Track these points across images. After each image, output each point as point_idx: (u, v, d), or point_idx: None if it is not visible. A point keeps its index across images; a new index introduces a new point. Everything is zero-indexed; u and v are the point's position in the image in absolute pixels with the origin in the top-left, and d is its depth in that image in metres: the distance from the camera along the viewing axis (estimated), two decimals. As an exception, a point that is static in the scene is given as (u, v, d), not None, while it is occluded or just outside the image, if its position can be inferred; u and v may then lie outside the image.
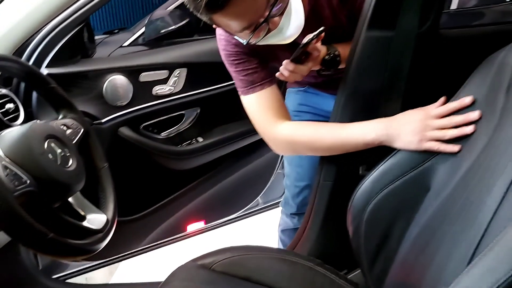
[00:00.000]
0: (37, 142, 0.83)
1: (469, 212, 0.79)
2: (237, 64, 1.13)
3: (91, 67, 1.56)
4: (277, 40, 0.97)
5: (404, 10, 0.99)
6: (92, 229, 0.90)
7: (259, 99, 1.13)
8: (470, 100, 0.88)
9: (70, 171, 0.88)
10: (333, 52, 1.09)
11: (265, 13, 0.88)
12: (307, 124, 1.17)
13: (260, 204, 2.06)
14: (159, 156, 1.75)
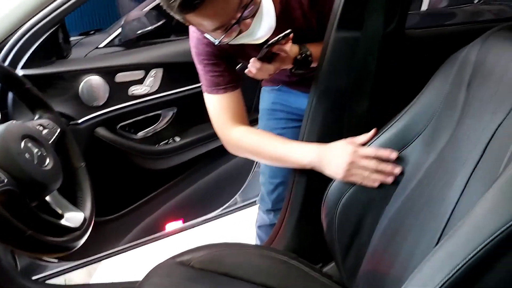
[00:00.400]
0: (14, 142, 0.84)
1: (433, 203, 0.84)
2: (206, 64, 1.16)
3: (66, 68, 1.56)
4: (248, 41, 1.00)
5: (369, 11, 1.04)
6: (70, 227, 0.91)
7: (220, 102, 1.18)
8: (395, 156, 0.97)
9: (47, 170, 0.89)
10: (305, 52, 1.12)
11: (237, 15, 0.91)
12: (256, 133, 1.21)
13: (238, 203, 2.08)
14: (136, 156, 1.76)
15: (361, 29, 1.05)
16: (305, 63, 1.13)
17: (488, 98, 0.77)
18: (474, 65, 0.84)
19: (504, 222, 0.57)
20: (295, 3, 1.11)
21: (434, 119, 0.93)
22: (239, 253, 1.19)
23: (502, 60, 0.77)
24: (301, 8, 1.12)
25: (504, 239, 0.56)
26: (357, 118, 1.15)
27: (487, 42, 0.85)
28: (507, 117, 0.71)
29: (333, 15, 1.07)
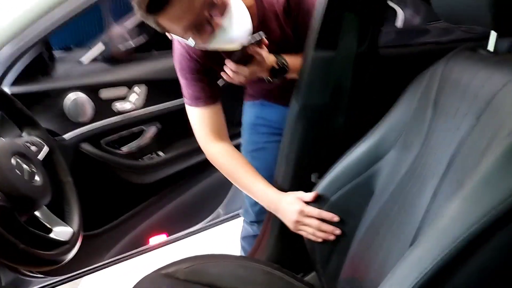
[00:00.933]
0: (5, 159, 0.87)
1: (405, 212, 0.90)
2: (188, 78, 1.22)
3: (51, 85, 1.58)
4: (224, 42, 1.04)
5: (343, 31, 1.10)
6: (59, 241, 0.94)
7: (200, 115, 1.25)
8: (337, 219, 1.09)
9: (37, 186, 0.92)
10: (281, 61, 1.17)
11: (205, 13, 0.96)
12: (231, 156, 1.27)
13: (221, 215, 2.10)
14: (121, 170, 1.78)
15: (336, 49, 1.12)
16: (282, 71, 1.18)
17: (452, 114, 0.84)
18: (439, 83, 0.91)
19: (466, 228, 0.62)
20: (272, 14, 1.17)
21: (405, 134, 0.99)
22: (223, 264, 1.22)
23: (464, 79, 0.83)
24: (277, 20, 1.18)
25: (466, 244, 0.62)
26: (334, 132, 1.20)
27: (450, 61, 0.91)
28: (470, 132, 0.77)
29: (311, 35, 1.13)
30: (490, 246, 0.62)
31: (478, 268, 0.63)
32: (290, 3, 1.16)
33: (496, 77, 0.74)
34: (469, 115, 0.78)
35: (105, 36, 1.97)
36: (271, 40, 1.18)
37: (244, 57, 1.08)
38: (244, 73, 1.10)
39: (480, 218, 0.62)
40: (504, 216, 0.61)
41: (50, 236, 0.93)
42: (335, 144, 1.18)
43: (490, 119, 0.71)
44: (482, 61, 0.82)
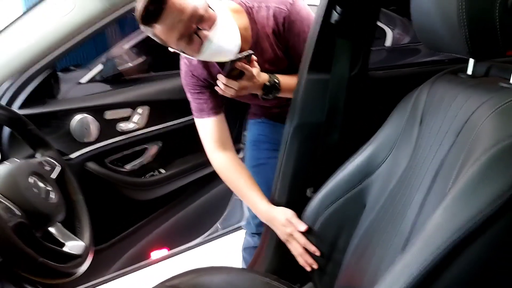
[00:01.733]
0: (23, 178, 0.94)
1: (395, 222, 0.96)
2: (192, 92, 1.33)
3: (59, 107, 1.64)
4: (213, 54, 1.14)
5: (336, 57, 1.19)
6: (73, 254, 1.00)
7: (205, 125, 1.35)
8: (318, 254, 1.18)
9: (52, 203, 0.98)
10: (273, 79, 1.26)
11: (193, 25, 1.08)
12: (233, 169, 1.35)
13: (220, 229, 2.16)
14: (124, 187, 1.83)
15: (330, 72, 1.20)
16: (273, 89, 1.26)
17: (435, 132, 0.91)
18: (425, 104, 0.98)
19: (448, 237, 0.68)
20: (264, 36, 1.26)
21: (394, 150, 1.06)
22: (224, 275, 1.27)
23: (445, 100, 0.91)
24: (268, 41, 1.27)
25: (448, 250, 0.68)
26: (328, 149, 1.27)
27: (434, 84, 0.99)
28: (451, 148, 0.84)
29: (305, 59, 1.21)
30: (470, 252, 0.69)
31: (461, 272, 0.69)
32: (279, 27, 1.25)
33: (473, 99, 0.82)
34: (450, 133, 0.86)
35: (104, 57, 2.04)
36: (264, 60, 1.27)
37: (234, 71, 1.16)
38: (234, 87, 1.18)
39: (460, 227, 0.68)
40: (481, 225, 0.67)
41: (64, 250, 0.99)
42: (329, 160, 1.25)
43: (467, 137, 0.77)
44: (462, 84, 0.90)
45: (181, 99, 1.85)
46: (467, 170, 0.71)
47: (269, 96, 1.27)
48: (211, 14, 1.10)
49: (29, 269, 0.83)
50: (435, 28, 0.83)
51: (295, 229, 1.19)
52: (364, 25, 1.22)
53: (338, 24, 1.17)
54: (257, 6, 1.24)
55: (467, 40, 0.75)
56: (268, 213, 1.27)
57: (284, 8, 1.23)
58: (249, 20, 1.24)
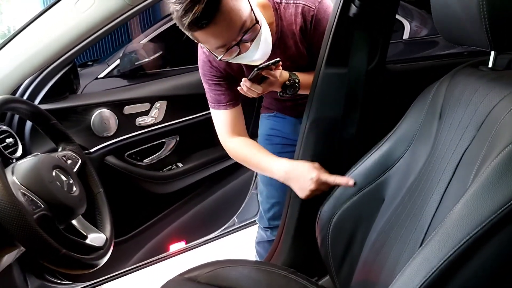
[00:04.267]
0: (47, 172, 0.96)
1: (414, 217, 0.96)
2: (210, 83, 1.32)
3: (79, 103, 1.68)
4: (245, 62, 1.16)
5: (353, 51, 1.18)
6: (95, 246, 1.02)
7: (221, 116, 1.34)
8: (352, 183, 1.13)
9: (75, 196, 1.00)
10: (294, 78, 1.26)
11: (238, 38, 1.06)
12: (248, 146, 1.34)
13: (236, 223, 2.17)
14: (142, 181, 1.86)
15: (347, 66, 1.19)
16: (292, 88, 1.27)
17: (455, 126, 0.90)
18: (444, 98, 0.98)
19: (469, 231, 0.68)
20: (289, 33, 1.26)
21: (413, 144, 1.06)
22: (242, 268, 1.28)
23: (466, 94, 0.90)
24: (293, 38, 1.26)
25: (470, 245, 0.68)
26: (346, 143, 1.27)
27: (454, 78, 0.98)
28: (472, 143, 0.83)
29: (322, 53, 1.21)
30: (490, 247, 0.69)
31: (480, 267, 0.69)
32: (307, 25, 1.24)
33: (494, 92, 0.81)
34: (470, 127, 0.85)
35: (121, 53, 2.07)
36: (286, 56, 1.27)
37: (259, 76, 1.18)
38: (258, 91, 1.20)
39: (480, 222, 0.68)
40: (502, 220, 0.67)
41: (86, 242, 1.01)
42: (346, 154, 1.25)
43: (488, 131, 0.76)
44: (482, 78, 0.89)
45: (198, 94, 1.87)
46: (488, 164, 0.71)
47: (287, 94, 1.28)
48: (256, 27, 1.09)
49: (53, 260, 0.85)
50: (455, 21, 0.82)
51: (320, 170, 1.19)
52: (383, 18, 1.21)
53: (356, 17, 1.16)
54: (285, 2, 1.23)
55: (488, 33, 0.74)
56: (292, 168, 1.23)
57: (312, 6, 1.23)
58: (275, 16, 1.23)
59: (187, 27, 1.00)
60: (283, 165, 1.24)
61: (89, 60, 2.85)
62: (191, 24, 0.99)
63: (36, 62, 1.27)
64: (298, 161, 1.24)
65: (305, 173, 1.20)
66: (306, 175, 1.19)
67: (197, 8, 0.95)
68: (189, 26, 1.00)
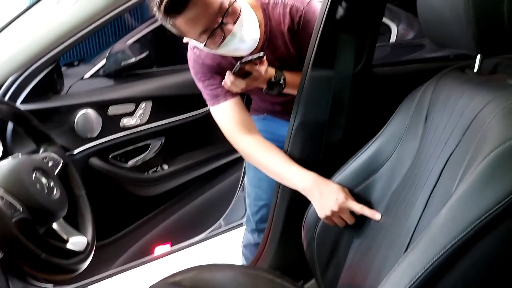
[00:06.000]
0: (27, 174, 0.93)
1: (399, 221, 0.95)
2: (203, 80, 1.29)
3: (63, 103, 1.65)
4: (232, 49, 1.14)
5: (340, 53, 1.18)
6: (75, 251, 1.00)
7: (223, 110, 1.29)
8: (379, 217, 1.05)
9: (55, 199, 0.98)
10: (280, 76, 1.25)
11: (218, 19, 1.06)
12: (263, 147, 1.28)
13: (223, 226, 2.16)
14: (127, 183, 1.84)
15: (333, 69, 1.19)
16: (278, 85, 1.25)
17: (441, 130, 0.90)
18: (430, 102, 0.97)
19: (454, 236, 0.68)
20: (278, 33, 1.25)
21: (398, 148, 1.06)
22: (227, 272, 1.27)
23: (452, 98, 0.90)
24: (282, 38, 1.26)
25: (455, 251, 0.68)
26: (333, 146, 1.26)
27: (440, 81, 0.98)
28: (457, 147, 0.83)
29: (308, 56, 1.20)
30: (476, 252, 0.68)
31: (466, 272, 0.68)
32: (295, 25, 1.23)
33: (480, 97, 0.81)
34: (456, 131, 0.85)
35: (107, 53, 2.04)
36: (275, 57, 1.26)
37: (243, 71, 1.17)
38: (241, 85, 1.19)
39: (466, 226, 0.67)
40: (487, 225, 0.67)
41: (67, 246, 0.99)
42: (333, 157, 1.24)
43: (474, 135, 0.76)
44: (468, 82, 0.89)
45: (184, 95, 1.86)
46: (474, 169, 0.70)
47: (273, 91, 1.27)
48: (236, 8, 1.09)
49: (32, 265, 0.84)
50: (442, 24, 0.82)
51: (348, 196, 1.10)
52: (370, 21, 1.21)
53: (343, 20, 1.16)
54: (273, 2, 1.23)
55: (475, 36, 0.74)
56: (319, 183, 1.15)
57: (300, 7, 1.22)
58: (264, 16, 1.23)
59: (166, 14, 1.02)
60: (310, 177, 1.17)
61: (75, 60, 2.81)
62: (168, 10, 1.00)
63: (18, 62, 1.24)
64: (327, 180, 1.16)
65: (332, 192, 1.11)
66: (332, 194, 1.11)
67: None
68: (167, 12, 1.01)
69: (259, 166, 1.29)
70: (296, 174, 1.19)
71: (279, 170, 1.23)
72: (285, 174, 1.22)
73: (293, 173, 1.20)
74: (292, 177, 1.20)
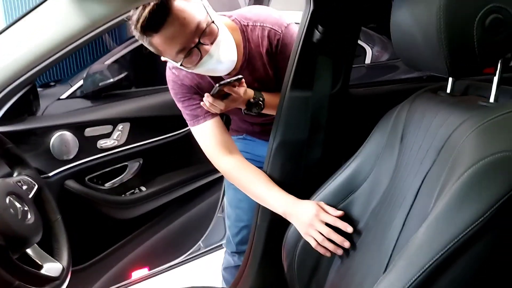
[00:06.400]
0: (0, 199, 0.91)
1: (378, 241, 0.96)
2: (183, 100, 1.29)
3: (38, 125, 1.62)
4: (211, 69, 1.15)
5: (317, 75, 1.20)
6: (50, 277, 0.97)
7: (204, 130, 1.29)
8: (350, 230, 1.07)
9: (29, 224, 0.95)
10: (258, 97, 1.26)
11: (195, 39, 1.07)
12: (245, 168, 1.29)
13: (202, 248, 2.13)
14: (104, 206, 1.81)
15: (312, 90, 1.21)
16: (257, 106, 1.27)
17: (416, 150, 0.92)
18: (405, 122, 1.00)
19: (432, 256, 0.69)
20: (257, 55, 1.26)
21: (376, 167, 1.07)
22: (206, 296, 1.26)
23: (426, 118, 0.92)
24: (261, 60, 1.27)
25: (433, 270, 0.69)
26: (312, 166, 1.28)
27: (414, 102, 1.00)
28: (432, 166, 0.85)
29: (287, 77, 1.22)
30: (453, 271, 0.69)
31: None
32: (273, 48, 1.25)
33: (453, 118, 0.83)
34: (431, 151, 0.87)
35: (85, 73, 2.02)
36: (254, 78, 1.27)
37: (221, 92, 1.18)
38: (220, 107, 1.19)
39: (443, 246, 0.69)
40: (464, 244, 0.68)
41: (42, 272, 0.96)
42: (312, 177, 1.25)
43: (448, 155, 0.78)
44: (441, 103, 0.91)
45: (162, 116, 1.85)
46: (449, 188, 0.72)
47: (252, 112, 1.27)
48: (213, 29, 1.10)
49: (4, 293, 0.80)
50: (414, 47, 0.84)
51: (322, 209, 1.12)
52: (345, 44, 1.24)
53: (320, 43, 1.18)
54: (251, 25, 1.24)
55: (446, 59, 0.76)
56: (295, 204, 1.17)
57: (278, 30, 1.24)
58: (242, 38, 1.24)
59: (143, 32, 1.02)
60: (290, 200, 1.19)
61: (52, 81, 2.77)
62: (146, 28, 1.01)
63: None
64: (302, 200, 1.18)
65: (307, 208, 1.13)
66: (306, 209, 1.13)
67: (149, 10, 0.99)
68: (144, 30, 1.02)
69: (240, 187, 1.30)
70: (276, 198, 1.21)
71: (260, 193, 1.24)
72: (265, 197, 1.23)
73: (273, 197, 1.21)
74: (273, 201, 1.21)
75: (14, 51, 1.31)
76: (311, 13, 1.15)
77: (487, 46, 0.75)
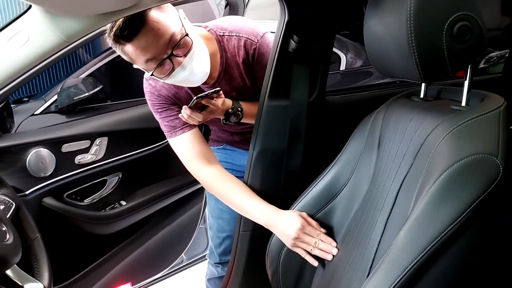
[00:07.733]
0: (-24, 220, 0.89)
1: (360, 245, 0.97)
2: (160, 112, 1.28)
3: (13, 142, 1.59)
4: (184, 80, 1.15)
5: (294, 84, 1.22)
6: (31, 298, 0.95)
7: (181, 142, 1.29)
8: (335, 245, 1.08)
9: (8, 244, 0.93)
10: (237, 107, 1.27)
11: (168, 50, 1.07)
12: (225, 179, 1.28)
13: (185, 261, 2.12)
14: (84, 222, 1.77)
15: (289, 98, 1.23)
16: (236, 116, 1.28)
17: (393, 155, 0.94)
18: (382, 128, 1.02)
19: (414, 258, 0.71)
20: (234, 64, 1.27)
21: (355, 173, 1.09)
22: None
23: (401, 123, 0.94)
24: (238, 69, 1.28)
25: (415, 271, 0.71)
26: (292, 174, 1.29)
27: (389, 108, 1.03)
28: (410, 170, 0.87)
29: (264, 86, 1.23)
30: (435, 271, 0.72)
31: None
32: (249, 57, 1.26)
33: (427, 122, 0.85)
34: (407, 155, 0.89)
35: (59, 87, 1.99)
36: (232, 87, 1.28)
37: (199, 105, 1.18)
38: (198, 118, 1.20)
39: (423, 247, 0.71)
40: (444, 244, 0.70)
41: (22, 293, 0.94)
42: (293, 184, 1.26)
43: (424, 158, 0.80)
44: (416, 108, 0.94)
45: (140, 128, 1.84)
46: (427, 191, 0.74)
47: (231, 122, 1.28)
48: (188, 41, 1.10)
49: (-16, 317, 0.79)
50: (387, 55, 0.86)
51: (305, 221, 1.12)
52: (320, 53, 1.26)
53: (295, 52, 1.20)
54: (227, 35, 1.25)
55: (418, 66, 0.79)
56: (277, 216, 1.16)
57: (254, 40, 1.25)
58: (219, 48, 1.25)
59: (116, 40, 1.02)
60: (270, 212, 1.18)
61: (25, 96, 2.72)
62: (118, 36, 1.01)
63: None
64: (284, 211, 1.17)
65: (291, 220, 1.13)
66: (290, 222, 1.12)
67: (123, 19, 0.99)
68: (117, 38, 1.02)
69: (221, 198, 1.30)
70: (257, 209, 1.21)
71: (241, 204, 1.24)
72: (246, 208, 1.23)
73: (254, 208, 1.21)
74: (254, 212, 1.21)
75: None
76: (286, 23, 1.17)
77: (456, 52, 0.78)
